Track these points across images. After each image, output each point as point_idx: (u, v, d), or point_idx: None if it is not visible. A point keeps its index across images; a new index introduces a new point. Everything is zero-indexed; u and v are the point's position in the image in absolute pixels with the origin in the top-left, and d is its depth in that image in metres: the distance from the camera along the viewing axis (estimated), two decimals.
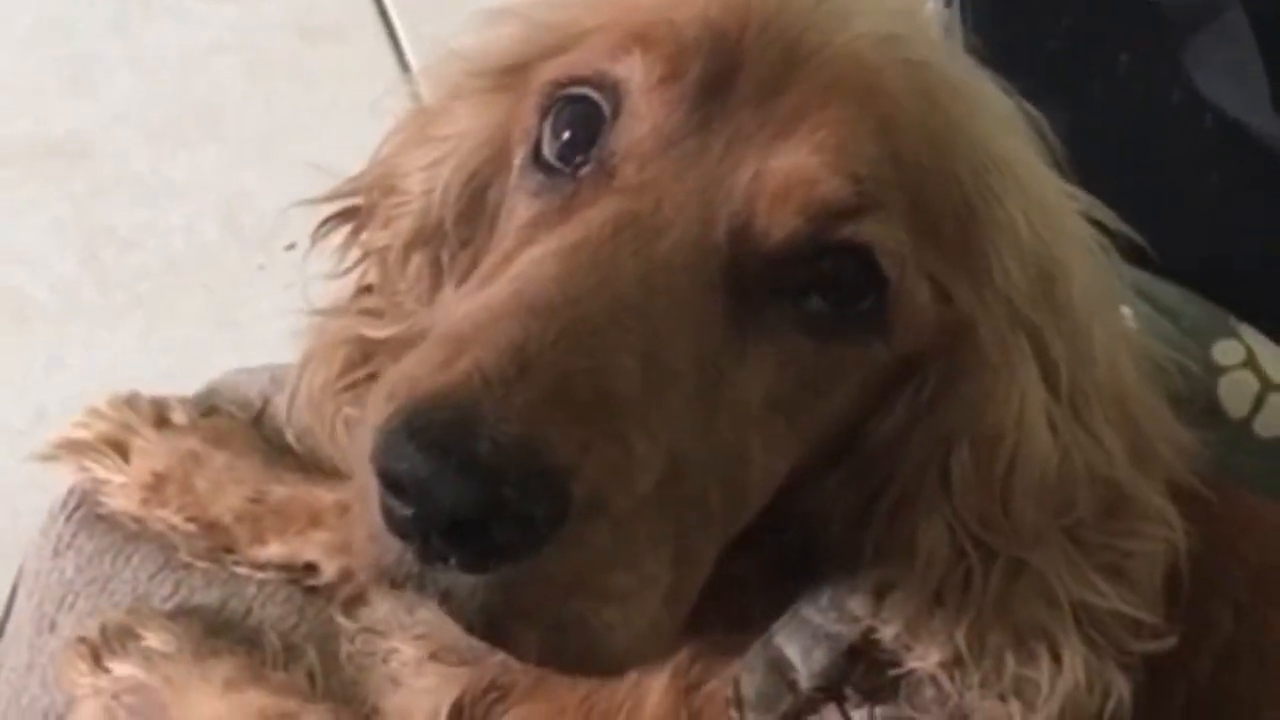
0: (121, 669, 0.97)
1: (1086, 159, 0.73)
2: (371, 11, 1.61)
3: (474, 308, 0.60)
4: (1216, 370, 1.04)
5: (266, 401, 1.12)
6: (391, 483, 0.54)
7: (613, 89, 0.65)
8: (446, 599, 0.56)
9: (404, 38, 1.62)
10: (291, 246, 1.32)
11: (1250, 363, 1.05)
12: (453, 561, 0.55)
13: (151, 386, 1.13)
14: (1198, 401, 0.91)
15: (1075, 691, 0.68)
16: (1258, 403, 1.03)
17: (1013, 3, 1.13)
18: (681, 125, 0.63)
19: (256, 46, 1.60)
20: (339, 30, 1.60)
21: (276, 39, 1.60)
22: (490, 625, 0.56)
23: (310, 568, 1.02)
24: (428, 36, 1.56)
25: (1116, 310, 0.74)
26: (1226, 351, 1.05)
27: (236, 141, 1.59)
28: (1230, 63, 1.08)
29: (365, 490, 0.57)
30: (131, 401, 1.10)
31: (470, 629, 0.57)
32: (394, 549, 0.56)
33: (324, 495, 1.02)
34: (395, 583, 0.57)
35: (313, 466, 1.04)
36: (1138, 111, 1.14)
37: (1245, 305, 1.08)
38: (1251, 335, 1.07)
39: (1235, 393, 1.03)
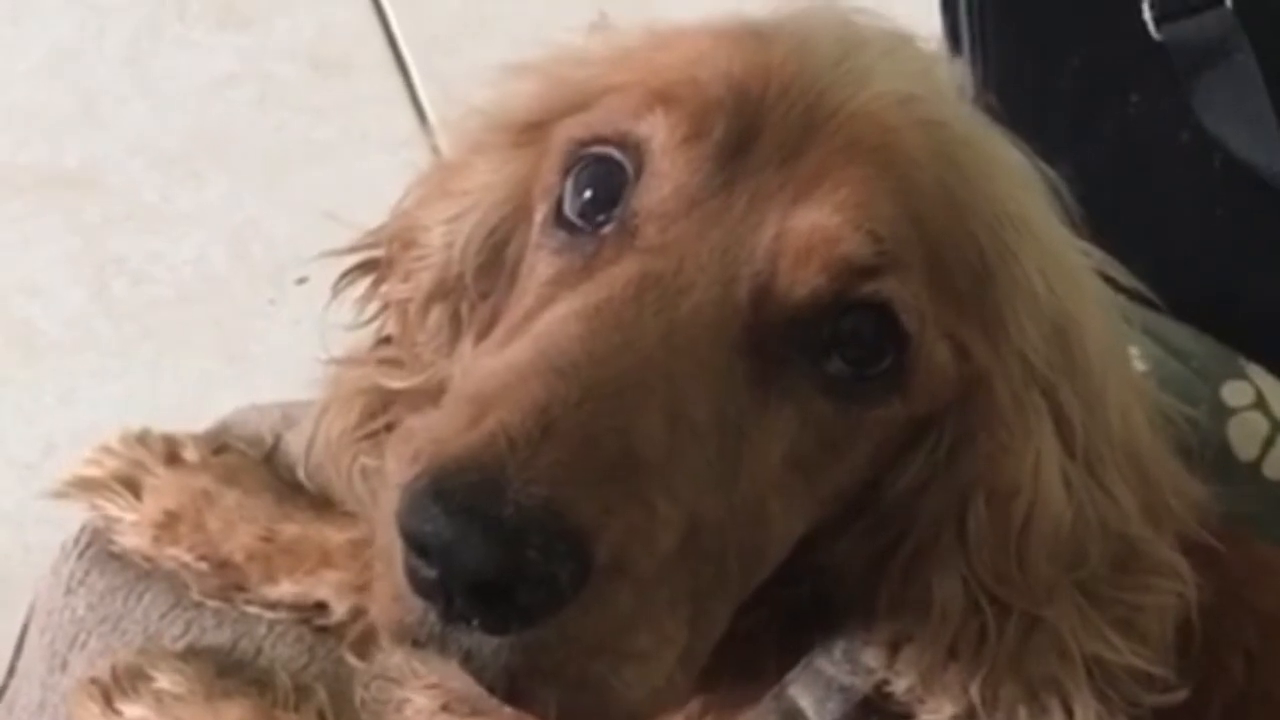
0: (133, 711, 0.97)
1: (1096, 198, 0.74)
2: (382, 43, 1.62)
3: (498, 367, 0.60)
4: (1226, 412, 1.04)
5: (278, 439, 1.12)
6: (417, 544, 0.55)
7: (635, 148, 0.65)
8: (469, 660, 0.56)
9: (414, 70, 1.62)
10: (302, 281, 1.32)
11: (1260, 404, 1.05)
12: (476, 623, 0.55)
13: (162, 419, 1.12)
14: (1209, 448, 0.92)
15: None
16: (1267, 444, 1.03)
17: (1024, 44, 1.14)
18: (704, 185, 0.63)
19: (267, 78, 1.60)
20: (349, 62, 1.61)
21: (287, 70, 1.60)
22: (512, 686, 0.57)
23: (321, 607, 1.02)
24: (438, 69, 1.57)
25: (1129, 364, 0.75)
26: (1236, 392, 1.05)
27: (247, 173, 1.59)
28: (1239, 104, 1.09)
29: (389, 550, 0.58)
30: (143, 439, 1.09)
31: (492, 689, 0.57)
32: (417, 609, 0.57)
33: (335, 534, 1.02)
34: (418, 642, 0.58)
35: (324, 505, 1.04)
36: (1147, 151, 1.14)
37: (1254, 344, 1.08)
38: (1261, 376, 1.07)
39: (1245, 434, 1.03)
